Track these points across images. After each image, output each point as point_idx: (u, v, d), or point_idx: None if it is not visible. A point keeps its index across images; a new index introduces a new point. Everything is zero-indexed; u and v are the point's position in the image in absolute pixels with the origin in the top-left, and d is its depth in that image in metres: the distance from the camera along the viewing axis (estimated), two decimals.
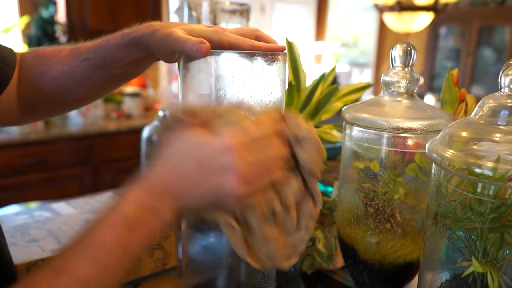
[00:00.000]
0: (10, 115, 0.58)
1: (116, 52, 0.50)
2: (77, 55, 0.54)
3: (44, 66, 0.55)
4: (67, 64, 0.54)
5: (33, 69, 0.56)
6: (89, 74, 0.53)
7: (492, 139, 0.40)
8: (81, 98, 0.58)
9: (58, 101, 0.58)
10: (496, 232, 0.40)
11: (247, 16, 0.94)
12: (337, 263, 0.76)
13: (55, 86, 0.55)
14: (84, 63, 0.53)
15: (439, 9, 2.82)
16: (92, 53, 0.52)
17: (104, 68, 0.52)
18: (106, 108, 2.59)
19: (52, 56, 0.55)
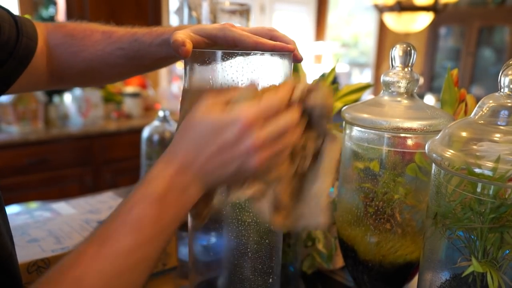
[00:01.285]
0: (38, 82, 0.61)
1: (150, 48, 0.54)
2: (111, 42, 0.57)
3: (76, 46, 0.58)
4: (101, 50, 0.57)
5: (64, 48, 0.58)
6: (122, 62, 0.57)
7: (492, 139, 0.40)
8: (109, 79, 0.65)
9: (87, 78, 0.63)
10: (496, 232, 0.40)
11: (247, 16, 0.94)
12: (337, 263, 0.76)
13: (87, 67, 0.59)
14: (118, 51, 0.56)
15: (439, 9, 2.82)
16: (126, 44, 0.55)
17: (136, 59, 0.56)
18: (106, 108, 2.59)
19: (83, 37, 0.58)
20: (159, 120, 1.01)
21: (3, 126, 2.17)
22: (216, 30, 0.48)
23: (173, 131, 1.00)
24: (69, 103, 2.46)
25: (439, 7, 2.81)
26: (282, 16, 3.90)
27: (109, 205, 0.74)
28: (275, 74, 0.46)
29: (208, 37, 0.48)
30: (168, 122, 1.02)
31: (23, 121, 2.17)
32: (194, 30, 0.48)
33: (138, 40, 0.55)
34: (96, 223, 0.66)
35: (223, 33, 0.47)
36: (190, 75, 0.47)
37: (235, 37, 0.47)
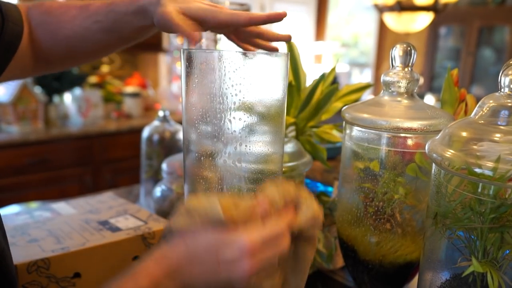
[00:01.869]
0: (25, 69, 0.59)
1: (125, 17, 0.52)
2: (87, 15, 0.55)
3: (54, 24, 0.57)
4: (78, 25, 0.55)
5: (44, 27, 0.57)
6: (100, 36, 0.55)
7: (492, 139, 0.40)
8: (90, 54, 0.62)
9: (70, 56, 0.61)
10: (496, 232, 0.40)
11: None
12: (337, 263, 0.76)
13: (68, 45, 0.57)
14: (95, 25, 0.55)
15: (439, 9, 2.82)
16: (102, 16, 0.54)
17: (113, 31, 0.55)
18: (106, 108, 2.59)
19: (60, 13, 0.56)
20: (159, 120, 1.01)
21: (3, 126, 2.17)
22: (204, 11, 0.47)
23: (173, 131, 1.00)
24: (69, 103, 2.46)
25: (439, 7, 2.80)
26: None
27: (109, 205, 0.74)
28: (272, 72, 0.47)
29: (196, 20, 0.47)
30: (168, 122, 1.01)
31: (23, 121, 2.17)
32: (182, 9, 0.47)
33: (114, 10, 0.53)
34: (96, 223, 0.66)
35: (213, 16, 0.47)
36: (187, 74, 0.47)
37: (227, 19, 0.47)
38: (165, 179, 0.89)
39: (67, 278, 0.58)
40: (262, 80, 0.46)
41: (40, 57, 0.59)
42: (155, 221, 0.68)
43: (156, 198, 0.88)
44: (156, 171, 1.00)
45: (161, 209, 0.88)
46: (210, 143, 0.48)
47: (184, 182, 0.52)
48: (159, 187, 0.89)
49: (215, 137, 0.47)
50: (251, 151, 0.47)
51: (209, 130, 0.47)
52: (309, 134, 0.74)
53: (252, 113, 0.47)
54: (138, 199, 1.08)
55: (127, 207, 0.74)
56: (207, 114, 0.47)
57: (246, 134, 0.47)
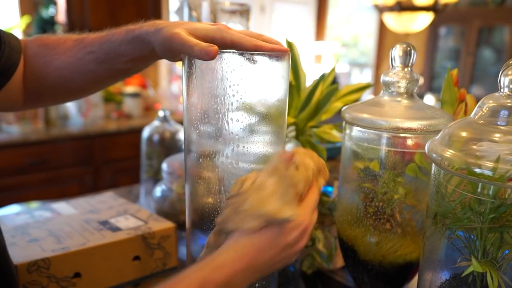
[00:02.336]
0: (15, 101, 0.59)
1: (120, 48, 0.51)
2: (81, 47, 0.54)
3: (49, 56, 0.56)
4: (72, 56, 0.55)
5: (38, 58, 0.56)
6: (93, 67, 0.54)
7: (491, 139, 0.40)
8: (84, 89, 0.60)
9: (62, 90, 0.59)
10: (495, 232, 0.40)
11: (247, 16, 0.94)
12: (337, 263, 0.76)
13: (60, 76, 0.56)
14: (88, 56, 0.54)
15: (439, 9, 2.82)
16: (96, 47, 0.53)
17: (107, 62, 0.53)
18: (106, 108, 2.59)
19: (57, 46, 0.56)
20: (159, 120, 1.01)
21: (3, 126, 2.17)
22: (213, 32, 0.46)
23: (173, 131, 1.01)
24: (69, 103, 2.46)
25: (439, 7, 2.80)
26: (282, 16, 3.90)
27: (109, 205, 0.74)
28: (274, 73, 0.47)
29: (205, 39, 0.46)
30: (168, 122, 1.02)
31: (23, 121, 2.17)
32: (189, 30, 0.46)
33: (108, 41, 0.52)
34: (96, 223, 0.66)
35: (221, 36, 0.46)
36: (188, 75, 0.47)
37: (233, 40, 0.46)
38: (165, 179, 0.89)
39: (67, 278, 0.58)
40: (263, 81, 0.46)
41: (31, 88, 0.58)
42: (155, 221, 0.68)
43: (156, 198, 0.89)
44: (156, 171, 1.00)
45: (161, 209, 0.88)
46: (210, 143, 0.48)
47: (185, 182, 0.52)
48: (159, 187, 0.89)
49: (215, 138, 0.47)
50: (252, 151, 0.48)
51: (210, 130, 0.47)
52: (309, 134, 0.75)
53: (253, 114, 0.47)
54: (138, 199, 1.08)
55: (127, 207, 0.74)
56: (208, 114, 0.47)
57: (247, 134, 0.47)
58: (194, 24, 0.47)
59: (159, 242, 0.66)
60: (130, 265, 0.64)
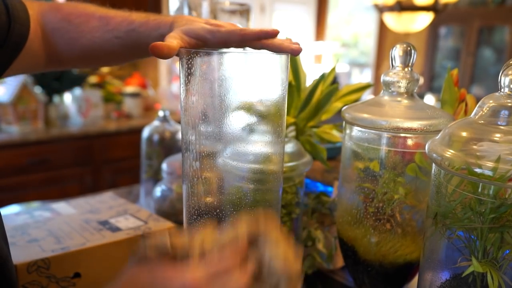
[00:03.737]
0: (36, 66, 0.61)
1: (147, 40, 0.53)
2: (108, 29, 0.56)
3: (73, 32, 0.57)
4: (99, 37, 0.57)
5: (61, 34, 0.58)
6: (119, 50, 0.57)
7: (492, 139, 0.40)
8: (107, 63, 0.66)
9: (84, 62, 0.63)
10: (496, 232, 0.40)
11: (247, 16, 0.94)
12: (337, 263, 0.76)
13: (85, 53, 0.59)
14: (115, 40, 0.56)
15: (439, 9, 2.82)
16: (123, 33, 0.55)
17: (134, 49, 0.56)
18: (106, 108, 2.59)
19: (80, 23, 0.57)
20: (159, 120, 1.01)
21: (3, 126, 2.16)
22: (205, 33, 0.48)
23: (173, 131, 1.01)
24: (69, 103, 2.46)
25: (439, 7, 2.80)
26: (282, 16, 3.90)
27: (109, 205, 0.74)
28: (273, 72, 0.47)
29: (199, 39, 0.49)
30: (168, 122, 1.01)
31: (23, 121, 2.17)
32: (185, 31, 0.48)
33: (136, 31, 0.55)
34: (96, 223, 0.66)
35: (212, 36, 0.48)
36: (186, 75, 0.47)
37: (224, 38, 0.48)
38: (165, 179, 0.89)
39: (67, 278, 0.58)
40: (263, 80, 0.46)
41: (54, 58, 0.60)
42: (155, 221, 0.68)
43: (156, 198, 0.88)
44: (156, 171, 1.00)
45: (161, 209, 0.87)
46: (209, 143, 0.48)
47: (183, 182, 0.52)
48: (159, 187, 0.89)
49: (214, 137, 0.47)
50: (251, 151, 0.47)
51: (208, 130, 0.47)
52: (309, 134, 0.74)
53: (252, 113, 0.47)
54: (138, 199, 1.08)
55: (127, 207, 0.74)
56: (206, 114, 0.47)
57: (246, 134, 0.47)
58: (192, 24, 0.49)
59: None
60: None
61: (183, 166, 0.51)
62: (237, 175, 0.48)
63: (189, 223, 0.52)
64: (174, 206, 0.87)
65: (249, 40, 0.49)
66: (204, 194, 0.50)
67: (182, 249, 0.35)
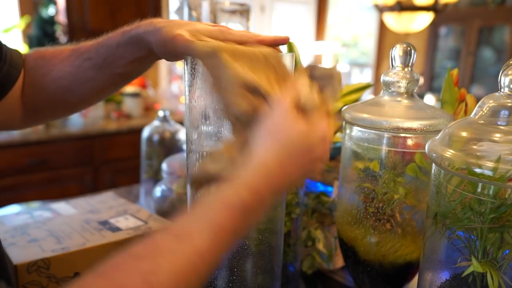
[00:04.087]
0: (13, 119, 0.57)
1: (118, 51, 0.49)
2: (78, 54, 0.53)
3: (46, 67, 0.54)
4: (69, 65, 0.53)
5: (35, 71, 0.55)
6: (91, 74, 0.52)
7: (492, 139, 0.40)
8: (84, 99, 0.57)
9: (61, 103, 0.57)
10: (496, 232, 0.40)
11: (247, 16, 0.94)
12: (337, 263, 0.76)
13: (58, 87, 0.54)
14: (86, 62, 0.52)
15: (439, 9, 2.82)
16: (93, 52, 0.51)
17: (106, 68, 0.51)
18: (106, 108, 2.59)
19: (53, 56, 0.54)
20: (159, 120, 1.01)
21: None
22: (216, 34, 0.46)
23: (173, 131, 1.01)
24: None
25: (439, 7, 2.80)
26: (282, 16, 3.90)
27: (109, 205, 0.74)
28: None
29: None
30: (168, 122, 1.01)
31: None
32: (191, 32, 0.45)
33: (105, 45, 0.50)
34: (96, 223, 0.66)
35: (224, 37, 0.46)
36: (191, 75, 0.47)
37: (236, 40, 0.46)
38: (165, 179, 0.89)
39: (67, 278, 0.58)
40: None
41: (29, 104, 0.57)
42: (155, 221, 0.68)
43: (156, 198, 0.88)
44: (156, 171, 1.00)
45: (161, 209, 0.87)
46: (214, 143, 0.48)
47: (188, 182, 0.52)
48: (159, 187, 0.89)
49: (219, 138, 0.47)
50: None
51: (213, 130, 0.47)
52: None
53: None
54: (138, 199, 1.08)
55: (127, 207, 0.74)
56: (211, 114, 0.47)
57: None
58: (195, 25, 0.46)
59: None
60: None
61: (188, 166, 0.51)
62: None
63: None
64: (174, 206, 0.87)
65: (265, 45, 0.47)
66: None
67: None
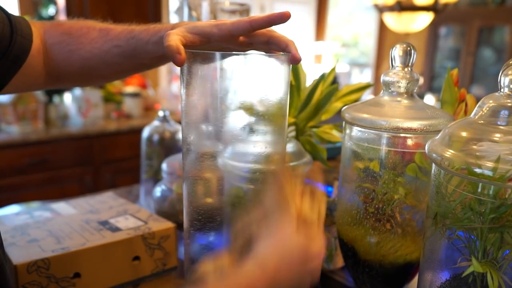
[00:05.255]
0: (35, 83, 0.60)
1: (147, 47, 0.53)
2: (108, 39, 0.56)
3: (73, 45, 0.57)
4: (98, 48, 0.56)
5: (61, 46, 0.57)
6: (119, 60, 0.56)
7: (492, 139, 0.40)
8: (106, 77, 0.63)
9: (83, 77, 0.62)
10: (496, 232, 0.40)
11: (247, 16, 0.94)
12: (337, 263, 0.76)
13: (84, 65, 0.58)
14: (115, 49, 0.55)
15: (439, 9, 2.82)
16: (123, 42, 0.55)
17: (133, 57, 0.55)
18: (106, 108, 2.59)
19: (80, 35, 0.57)
20: (159, 120, 1.01)
21: (3, 126, 2.16)
22: (209, 28, 0.48)
23: (173, 131, 1.01)
24: (69, 103, 2.46)
25: (439, 7, 2.80)
26: None
27: (109, 205, 0.74)
28: (273, 74, 0.47)
29: (203, 35, 0.48)
30: (168, 122, 1.01)
31: (23, 121, 2.17)
32: (188, 29, 0.48)
33: (135, 38, 0.54)
34: (96, 223, 0.66)
35: (218, 29, 0.47)
36: (188, 76, 0.47)
37: (229, 29, 0.47)
38: (165, 179, 0.89)
39: (67, 278, 0.58)
40: (263, 81, 0.46)
41: (53, 74, 0.60)
42: (155, 221, 0.68)
43: (156, 198, 0.88)
44: (156, 171, 1.00)
45: (161, 209, 0.87)
46: (211, 143, 0.48)
47: (183, 182, 0.52)
48: (159, 187, 0.89)
49: (216, 138, 0.47)
50: (252, 151, 0.47)
51: (209, 130, 0.47)
52: (309, 134, 0.74)
53: (253, 114, 0.47)
54: (138, 199, 1.08)
55: (127, 207, 0.74)
56: (208, 114, 0.47)
57: (247, 134, 0.47)
58: (197, 23, 0.49)
59: (159, 242, 0.66)
60: (130, 265, 0.64)
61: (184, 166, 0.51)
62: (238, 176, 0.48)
63: (190, 223, 0.52)
64: (174, 206, 0.87)
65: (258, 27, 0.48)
66: (206, 194, 0.50)
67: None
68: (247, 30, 0.48)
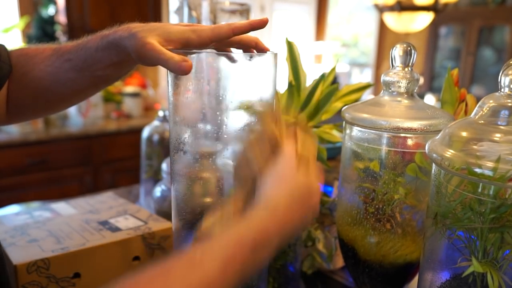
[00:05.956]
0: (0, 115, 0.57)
1: (96, 54, 0.49)
2: (59, 55, 0.52)
3: (27, 65, 0.54)
4: (50, 65, 0.53)
5: (17, 68, 0.54)
6: (71, 75, 0.52)
7: (492, 139, 0.40)
8: (64, 99, 0.58)
9: (42, 101, 0.57)
10: (496, 232, 0.40)
11: (247, 16, 0.94)
12: (337, 263, 0.76)
13: (39, 87, 0.54)
14: (66, 64, 0.52)
15: (439, 9, 2.82)
16: (73, 54, 0.51)
17: (85, 70, 0.51)
18: (106, 108, 2.59)
19: (35, 55, 0.54)
20: (159, 120, 1.01)
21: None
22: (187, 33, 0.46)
23: None
24: None
25: (439, 7, 2.80)
26: (282, 16, 3.90)
27: (109, 205, 0.74)
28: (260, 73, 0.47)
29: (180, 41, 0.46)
30: (168, 122, 1.02)
31: None
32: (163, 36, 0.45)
33: (84, 48, 0.50)
34: (96, 223, 0.66)
35: (197, 35, 0.46)
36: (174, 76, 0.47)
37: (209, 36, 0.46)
38: (165, 179, 0.89)
39: (67, 278, 0.58)
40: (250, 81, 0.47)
41: (12, 102, 0.56)
42: (155, 221, 0.68)
43: (156, 198, 0.88)
44: (156, 171, 1.00)
45: (161, 209, 0.87)
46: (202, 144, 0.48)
47: (172, 183, 0.52)
48: (159, 187, 0.89)
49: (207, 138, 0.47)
50: None
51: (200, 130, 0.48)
52: None
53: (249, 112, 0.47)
54: (138, 199, 1.08)
55: (127, 207, 0.74)
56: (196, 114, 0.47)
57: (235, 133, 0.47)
58: (168, 28, 0.46)
59: (159, 242, 0.66)
60: (130, 265, 0.64)
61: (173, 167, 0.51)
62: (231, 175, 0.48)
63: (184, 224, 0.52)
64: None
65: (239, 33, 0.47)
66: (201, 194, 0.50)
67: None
68: (228, 37, 0.47)
